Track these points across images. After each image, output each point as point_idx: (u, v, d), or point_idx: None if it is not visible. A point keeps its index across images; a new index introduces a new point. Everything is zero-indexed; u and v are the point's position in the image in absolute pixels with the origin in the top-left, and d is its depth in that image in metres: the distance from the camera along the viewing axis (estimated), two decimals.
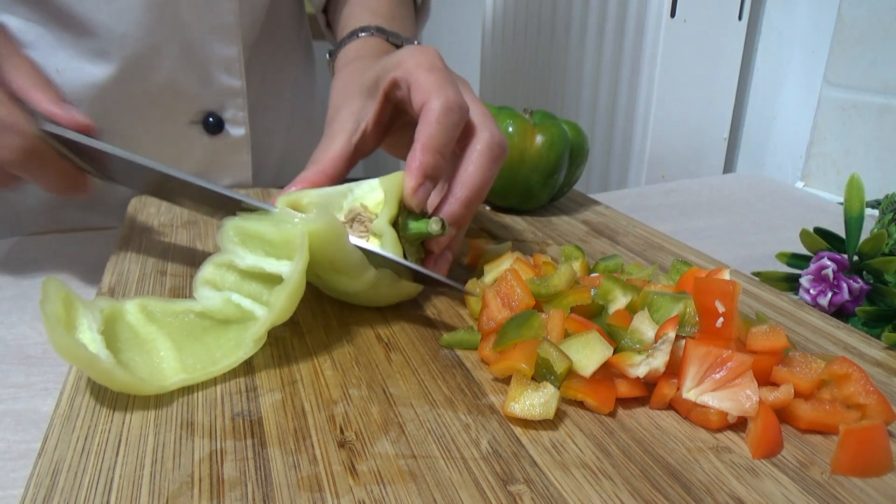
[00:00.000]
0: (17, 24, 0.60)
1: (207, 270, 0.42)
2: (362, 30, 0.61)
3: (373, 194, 0.45)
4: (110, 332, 0.37)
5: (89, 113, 0.65)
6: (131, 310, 0.40)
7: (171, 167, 0.43)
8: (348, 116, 0.50)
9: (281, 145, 0.82)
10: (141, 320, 0.39)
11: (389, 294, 0.44)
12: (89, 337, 0.35)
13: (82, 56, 0.62)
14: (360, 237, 0.43)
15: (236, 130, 0.72)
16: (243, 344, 0.37)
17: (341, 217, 0.44)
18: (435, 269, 0.45)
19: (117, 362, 0.34)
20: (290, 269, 0.37)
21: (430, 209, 0.46)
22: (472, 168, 0.45)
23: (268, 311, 0.37)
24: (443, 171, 0.44)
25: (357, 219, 0.43)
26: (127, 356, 0.36)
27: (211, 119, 0.70)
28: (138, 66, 0.64)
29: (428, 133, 0.43)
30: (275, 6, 0.76)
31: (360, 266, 0.40)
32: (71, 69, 0.62)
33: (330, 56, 0.62)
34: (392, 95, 0.47)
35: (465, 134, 0.46)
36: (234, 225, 0.41)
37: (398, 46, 0.60)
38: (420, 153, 0.42)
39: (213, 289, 0.42)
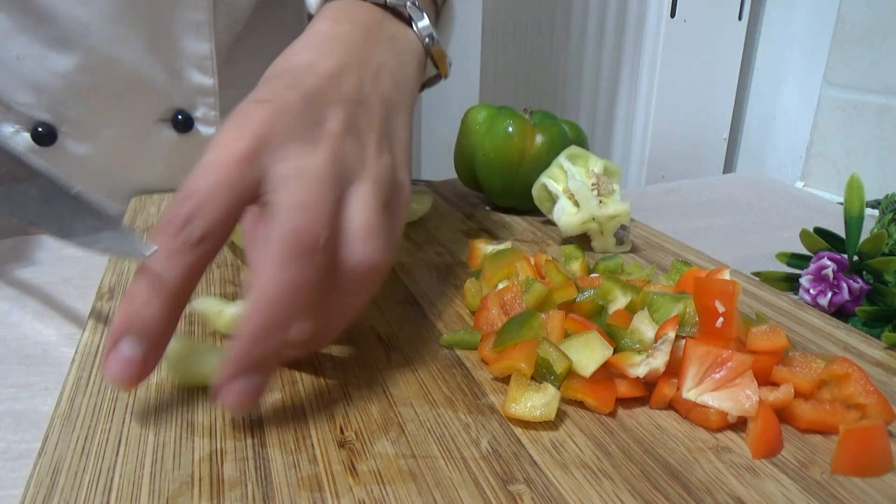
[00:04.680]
0: None
1: None
2: None
3: None
4: None
5: (51, 104, 0.63)
6: None
7: None
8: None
9: None
10: None
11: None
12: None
13: (43, 43, 0.60)
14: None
15: (207, 130, 0.70)
16: None
17: None
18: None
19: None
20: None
21: None
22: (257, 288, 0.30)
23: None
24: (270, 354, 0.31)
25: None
26: None
27: (180, 117, 0.68)
28: (103, 56, 0.62)
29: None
30: (265, 8, 0.75)
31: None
32: (31, 56, 0.60)
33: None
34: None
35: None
36: None
37: (384, 7, 0.44)
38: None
39: None
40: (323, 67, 0.37)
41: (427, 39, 0.46)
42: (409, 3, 0.45)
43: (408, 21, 0.45)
